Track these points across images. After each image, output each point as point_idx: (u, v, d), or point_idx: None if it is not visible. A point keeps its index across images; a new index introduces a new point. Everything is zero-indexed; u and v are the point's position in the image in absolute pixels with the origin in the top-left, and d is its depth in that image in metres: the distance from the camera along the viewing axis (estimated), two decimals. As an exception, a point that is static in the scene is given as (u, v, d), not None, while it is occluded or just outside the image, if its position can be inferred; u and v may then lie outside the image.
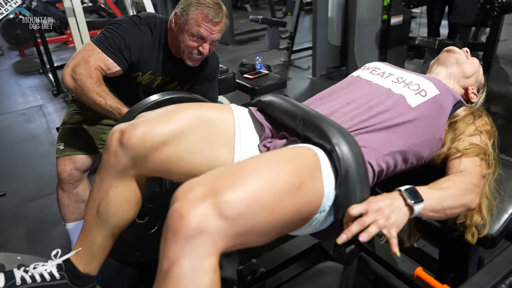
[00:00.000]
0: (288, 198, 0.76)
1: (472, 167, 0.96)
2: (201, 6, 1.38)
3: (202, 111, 1.01)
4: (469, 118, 1.06)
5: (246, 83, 2.49)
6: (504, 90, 3.67)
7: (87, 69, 1.34)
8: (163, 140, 0.91)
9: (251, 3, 8.87)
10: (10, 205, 2.39)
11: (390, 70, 1.17)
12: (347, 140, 0.85)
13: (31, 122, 3.63)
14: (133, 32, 1.45)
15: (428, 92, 1.05)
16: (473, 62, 1.27)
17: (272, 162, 0.80)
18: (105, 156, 0.97)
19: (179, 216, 0.66)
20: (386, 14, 3.81)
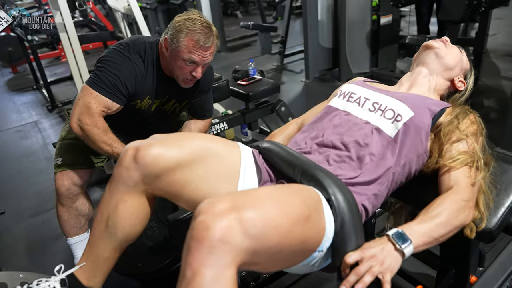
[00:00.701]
0: (298, 226, 0.81)
1: (461, 180, 0.98)
2: (191, 33, 1.36)
3: (212, 143, 1.05)
4: (453, 122, 1.06)
5: (240, 90, 2.50)
6: (495, 84, 3.71)
7: (91, 118, 1.40)
8: (176, 163, 0.95)
9: (241, 10, 8.91)
10: (10, 223, 2.38)
11: (366, 93, 1.16)
12: (341, 190, 0.93)
13: (27, 138, 3.62)
14: (125, 66, 1.43)
15: (404, 116, 1.05)
16: (453, 51, 1.23)
17: (284, 192, 0.88)
18: (116, 171, 0.99)
19: (204, 227, 0.70)
20: (375, 14, 3.84)
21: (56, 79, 4.92)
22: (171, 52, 1.41)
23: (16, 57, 5.60)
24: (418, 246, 0.86)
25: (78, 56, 2.76)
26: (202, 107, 1.73)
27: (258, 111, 2.57)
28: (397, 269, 0.85)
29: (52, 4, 2.76)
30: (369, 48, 4.00)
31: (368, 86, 1.22)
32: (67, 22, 2.62)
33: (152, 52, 1.50)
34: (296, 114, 2.66)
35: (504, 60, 4.34)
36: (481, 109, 3.28)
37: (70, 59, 2.97)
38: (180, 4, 6.78)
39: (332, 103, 1.21)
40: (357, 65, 4.11)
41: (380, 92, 1.16)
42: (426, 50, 1.24)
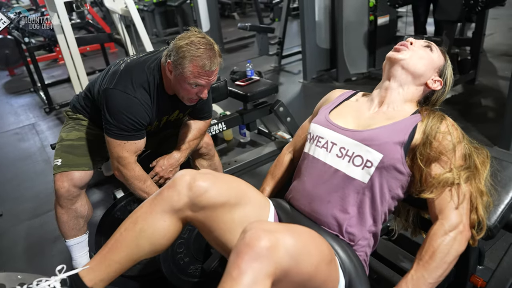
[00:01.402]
0: (324, 264, 0.91)
1: (445, 207, 1.00)
2: (196, 59, 1.34)
3: (251, 191, 1.10)
4: (426, 143, 1.02)
5: (238, 90, 2.50)
6: (493, 83, 3.72)
7: (129, 170, 1.51)
8: (223, 202, 1.01)
9: (238, 11, 8.92)
10: (8, 225, 2.37)
11: (332, 137, 1.12)
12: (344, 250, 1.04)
13: (25, 141, 3.61)
14: (136, 107, 1.44)
15: (373, 161, 1.02)
16: (422, 54, 1.13)
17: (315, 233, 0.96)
18: (167, 191, 1.03)
19: (256, 236, 0.80)
20: (372, 15, 3.86)
21: (54, 82, 4.91)
22: (176, 77, 1.41)
23: (13, 59, 5.58)
24: None
25: (76, 58, 2.75)
26: (202, 110, 1.73)
27: (256, 111, 2.57)
28: None
29: (49, 6, 2.75)
30: (367, 49, 4.02)
31: (333, 126, 1.14)
32: (64, 24, 2.61)
33: (154, 79, 1.48)
34: (294, 114, 2.66)
35: (501, 59, 4.35)
36: (479, 108, 3.30)
37: (68, 61, 2.96)
38: (177, 6, 6.80)
39: (305, 149, 1.21)
40: (355, 65, 4.13)
41: (346, 134, 1.10)
42: (391, 63, 1.14)
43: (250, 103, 2.54)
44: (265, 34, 4.83)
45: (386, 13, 3.89)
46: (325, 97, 1.35)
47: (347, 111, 1.20)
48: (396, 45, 1.16)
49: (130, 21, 3.02)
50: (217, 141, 3.10)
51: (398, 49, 1.14)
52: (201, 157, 1.88)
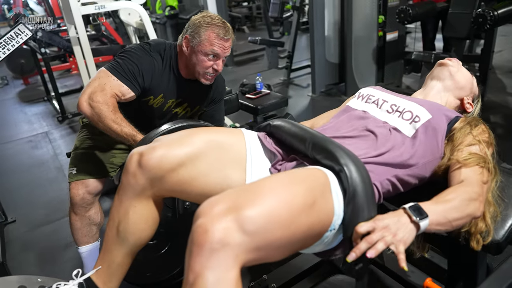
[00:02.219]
0: (302, 215, 0.81)
1: (473, 176, 0.99)
2: (211, 26, 1.45)
3: (215, 135, 1.06)
4: (466, 128, 1.10)
5: (249, 103, 2.55)
6: (502, 100, 3.73)
7: (103, 96, 1.40)
8: (179, 162, 0.97)
9: (248, 25, 9.05)
10: (21, 231, 2.42)
11: (384, 96, 1.21)
12: (354, 161, 0.91)
13: (38, 148, 3.68)
14: (145, 59, 1.50)
15: (422, 118, 1.09)
16: (465, 73, 1.30)
17: (286, 182, 0.85)
18: (124, 178, 1.02)
19: (203, 230, 0.71)
20: (381, 30, 3.90)
21: (67, 91, 5.01)
22: (192, 49, 1.48)
23: (28, 69, 5.72)
24: (433, 223, 0.86)
25: (91, 68, 2.83)
26: (213, 117, 1.76)
27: (266, 124, 2.61)
28: (410, 242, 0.83)
29: (67, 18, 2.85)
30: (375, 64, 4.06)
31: (386, 90, 1.26)
32: (81, 36, 2.70)
33: (171, 52, 1.56)
34: (303, 127, 2.70)
35: (509, 76, 4.36)
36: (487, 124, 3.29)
37: (83, 71, 3.05)
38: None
39: (350, 104, 1.24)
40: (363, 80, 4.16)
41: (398, 95, 1.20)
42: (441, 67, 1.29)
43: (260, 115, 2.58)
44: (275, 48, 4.90)
45: (395, 29, 3.94)
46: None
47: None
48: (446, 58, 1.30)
49: (144, 33, 3.11)
50: (227, 152, 3.13)
51: (450, 59, 1.29)
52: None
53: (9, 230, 2.43)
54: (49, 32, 4.29)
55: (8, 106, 5.12)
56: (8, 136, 4.08)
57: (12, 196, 2.81)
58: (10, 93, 5.67)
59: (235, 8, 9.83)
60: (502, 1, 3.04)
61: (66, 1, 2.60)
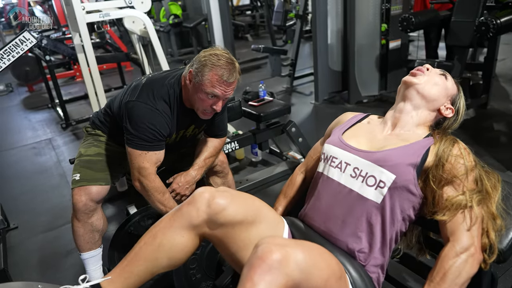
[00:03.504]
0: (333, 279, 0.92)
1: (457, 229, 1.00)
2: (216, 68, 1.41)
3: (266, 210, 1.14)
4: (438, 165, 1.04)
5: (252, 110, 2.55)
6: (505, 108, 3.72)
7: (150, 181, 1.53)
8: (240, 220, 1.04)
9: (251, 33, 9.10)
10: (23, 237, 2.42)
11: (346, 158, 1.14)
12: (356, 269, 1.06)
13: (41, 155, 3.69)
14: (157, 118, 1.50)
15: (386, 182, 1.04)
16: (437, 81, 1.17)
17: (324, 250, 0.98)
18: (186, 208, 1.07)
19: (268, 250, 0.83)
20: (384, 39, 3.92)
21: (71, 98, 5.04)
22: (194, 85, 1.46)
23: (32, 76, 5.77)
24: None
25: (95, 76, 2.85)
26: (218, 127, 1.78)
27: (269, 131, 2.61)
28: None
29: (72, 26, 2.87)
30: (378, 72, 4.07)
31: (347, 147, 1.17)
32: (86, 43, 2.71)
33: (175, 93, 1.54)
34: (305, 135, 2.70)
35: (513, 84, 4.36)
36: (491, 133, 3.30)
37: (87, 79, 3.06)
38: (192, 27, 6.97)
39: (319, 168, 1.23)
40: (366, 88, 4.17)
41: (359, 155, 1.13)
42: (405, 87, 1.19)
43: (263, 123, 2.58)
44: (278, 56, 4.92)
45: (397, 37, 3.96)
46: (337, 119, 1.38)
47: (360, 132, 1.23)
48: (413, 70, 1.20)
49: (147, 41, 3.13)
50: (229, 159, 3.14)
51: (414, 73, 1.18)
52: (215, 175, 1.91)
53: (11, 236, 2.43)
54: (54, 40, 4.34)
55: (13, 113, 5.16)
56: (12, 142, 4.10)
57: (15, 203, 2.82)
58: (14, 100, 5.72)
59: (238, 16, 9.91)
60: (505, 9, 3.05)
61: (71, 9, 2.62)
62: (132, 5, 2.76)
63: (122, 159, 1.67)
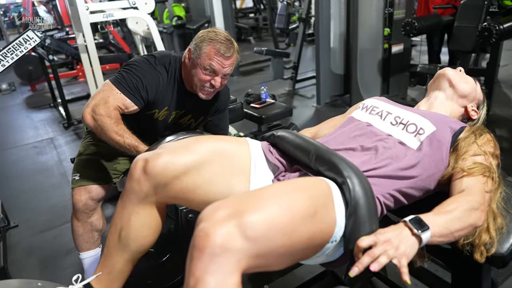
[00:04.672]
0: (303, 224, 0.80)
1: (475, 185, 0.98)
2: (214, 42, 1.44)
3: (220, 144, 1.06)
4: (471, 137, 1.09)
5: (253, 112, 2.55)
6: (507, 114, 3.72)
7: (106, 109, 1.42)
8: (184, 169, 0.96)
9: (254, 36, 9.12)
10: (23, 236, 2.42)
11: (388, 108, 1.19)
12: (357, 174, 0.91)
13: (43, 154, 3.70)
14: (150, 73, 1.50)
15: (426, 130, 1.08)
16: (468, 81, 1.29)
17: (289, 190, 0.85)
18: (128, 183, 1.02)
19: (205, 234, 0.70)
20: (387, 43, 3.92)
21: (73, 98, 5.05)
22: (192, 61, 1.48)
23: (35, 75, 5.80)
24: (435, 235, 0.85)
25: (98, 76, 2.86)
26: (218, 126, 1.77)
27: (270, 133, 2.61)
28: (413, 255, 0.82)
29: (75, 26, 2.89)
30: (380, 76, 4.06)
31: (390, 101, 1.26)
32: (89, 43, 2.73)
33: (176, 65, 1.57)
34: (307, 137, 2.70)
35: (515, 90, 4.36)
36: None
37: (90, 79, 3.07)
38: (195, 29, 6.99)
39: (354, 115, 1.24)
40: (368, 91, 4.16)
41: (402, 107, 1.20)
42: (440, 77, 1.29)
43: (264, 125, 2.59)
44: (280, 59, 4.93)
45: (400, 41, 3.95)
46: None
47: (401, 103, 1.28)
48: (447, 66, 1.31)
49: (151, 42, 3.14)
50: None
51: (449, 69, 1.29)
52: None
53: (11, 235, 2.43)
54: (57, 40, 4.36)
55: (15, 112, 5.17)
56: (13, 141, 4.11)
57: (15, 201, 2.82)
58: (17, 99, 5.73)
59: (241, 19, 9.95)
60: (508, 15, 3.05)
61: (75, 9, 2.64)
62: (136, 6, 2.77)
63: (122, 158, 1.67)
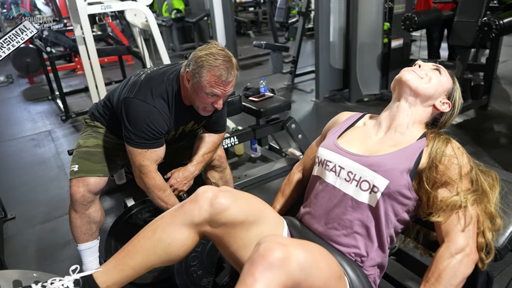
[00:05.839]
0: (333, 279, 0.94)
1: (452, 230, 1.00)
2: (213, 69, 1.39)
3: (269, 211, 1.14)
4: (432, 167, 1.04)
5: (252, 106, 2.54)
6: (505, 109, 3.72)
7: (150, 178, 1.55)
8: (241, 220, 1.04)
9: (253, 30, 9.09)
10: (20, 228, 2.42)
11: (340, 161, 1.14)
12: (354, 270, 1.07)
13: (40, 147, 3.69)
14: (155, 117, 1.49)
15: (379, 186, 1.04)
16: (431, 76, 1.15)
17: (324, 250, 0.99)
18: (188, 205, 1.06)
19: (269, 248, 0.85)
20: (386, 37, 3.91)
21: (71, 91, 5.03)
22: (193, 85, 1.45)
23: (33, 68, 5.77)
24: None
25: (96, 69, 2.84)
26: (217, 123, 1.77)
27: (269, 127, 2.61)
28: None
29: (73, 17, 2.86)
30: (380, 70, 4.06)
31: (341, 151, 1.17)
32: (87, 35, 2.70)
33: (173, 89, 1.53)
34: (305, 132, 2.69)
35: (514, 86, 4.36)
36: (491, 134, 3.29)
37: (87, 71, 3.05)
38: (194, 23, 6.96)
39: (314, 172, 1.24)
40: (367, 86, 4.16)
41: (353, 159, 1.12)
42: (399, 85, 1.16)
43: (263, 118, 2.58)
44: (280, 53, 4.91)
45: (400, 36, 3.95)
46: (333, 119, 1.38)
47: (355, 136, 1.22)
48: (404, 68, 1.18)
49: (149, 35, 3.12)
50: (228, 155, 3.14)
51: (407, 70, 1.16)
52: (213, 169, 1.91)
53: (8, 226, 2.43)
54: (55, 32, 4.33)
55: (13, 104, 5.15)
56: (11, 134, 4.10)
57: (12, 193, 2.82)
58: (14, 92, 5.71)
59: (241, 13, 9.89)
60: (508, 10, 3.04)
61: (73, 1, 2.61)
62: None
63: (121, 151, 1.67)
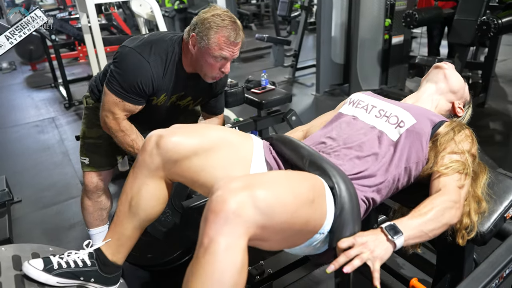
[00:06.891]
0: (303, 207, 0.90)
1: (450, 184, 1.06)
2: (221, 30, 1.36)
3: (228, 134, 1.14)
4: (449, 134, 1.15)
5: (254, 97, 2.59)
6: (502, 108, 3.78)
7: (116, 123, 1.50)
8: (194, 151, 1.04)
9: (256, 23, 9.09)
10: (26, 211, 2.49)
11: (373, 101, 1.27)
12: (344, 180, 1.01)
13: (44, 133, 3.75)
14: (142, 70, 1.45)
15: (406, 123, 1.15)
16: (459, 78, 1.36)
17: (294, 176, 0.96)
18: (140, 156, 1.09)
19: (221, 200, 0.79)
20: (387, 34, 3.96)
21: (74, 79, 5.08)
22: (200, 50, 1.40)
23: (36, 55, 5.80)
24: (409, 238, 0.93)
25: (101, 57, 2.89)
26: (215, 107, 1.79)
27: (270, 119, 2.66)
28: (386, 259, 0.91)
29: (79, 6, 2.91)
30: (380, 66, 4.11)
31: (376, 95, 1.32)
32: (93, 24, 2.75)
33: (174, 50, 1.49)
34: (305, 124, 2.75)
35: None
36: (487, 131, 3.36)
37: (92, 60, 3.10)
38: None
39: (342, 110, 1.31)
40: (367, 81, 4.21)
41: (386, 101, 1.27)
42: (437, 69, 1.35)
43: (264, 110, 2.64)
44: (281, 46, 4.95)
45: (400, 33, 3.99)
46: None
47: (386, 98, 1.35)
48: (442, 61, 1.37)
49: (154, 25, 3.17)
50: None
51: (446, 63, 1.36)
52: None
53: (15, 209, 2.50)
54: (60, 20, 4.36)
55: (16, 91, 5.19)
56: (15, 120, 4.15)
57: (18, 178, 2.88)
58: (17, 78, 5.75)
59: (243, 5, 9.87)
60: (508, 10, 3.09)
61: (80, -10, 2.66)
62: (140, -12, 2.79)
63: None
